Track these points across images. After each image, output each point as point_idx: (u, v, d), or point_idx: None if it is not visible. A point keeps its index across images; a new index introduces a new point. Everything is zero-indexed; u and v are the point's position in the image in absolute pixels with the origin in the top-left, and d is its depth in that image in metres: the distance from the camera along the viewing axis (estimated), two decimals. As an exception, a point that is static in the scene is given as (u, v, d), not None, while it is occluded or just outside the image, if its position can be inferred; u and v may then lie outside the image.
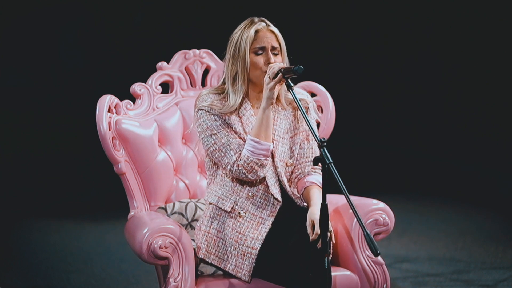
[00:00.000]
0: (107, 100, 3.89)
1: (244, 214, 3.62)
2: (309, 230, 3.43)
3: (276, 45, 3.63)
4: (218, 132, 3.63)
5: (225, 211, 3.64)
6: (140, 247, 3.54)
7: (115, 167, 3.90)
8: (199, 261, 3.68)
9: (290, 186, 3.69)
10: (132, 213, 3.93)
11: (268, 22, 3.66)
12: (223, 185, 3.68)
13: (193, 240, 3.72)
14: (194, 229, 3.78)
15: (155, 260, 3.56)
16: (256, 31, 3.61)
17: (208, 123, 3.64)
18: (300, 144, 3.72)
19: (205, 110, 3.65)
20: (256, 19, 3.66)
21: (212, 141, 3.63)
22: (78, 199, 7.71)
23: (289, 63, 3.67)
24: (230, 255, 3.60)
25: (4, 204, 7.35)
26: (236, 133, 3.64)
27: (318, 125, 4.22)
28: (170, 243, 3.55)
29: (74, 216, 7.14)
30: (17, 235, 6.59)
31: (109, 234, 6.55)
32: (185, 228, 3.85)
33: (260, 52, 3.62)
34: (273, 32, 3.64)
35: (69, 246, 6.26)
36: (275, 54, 3.63)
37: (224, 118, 3.65)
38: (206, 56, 4.22)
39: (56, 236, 6.56)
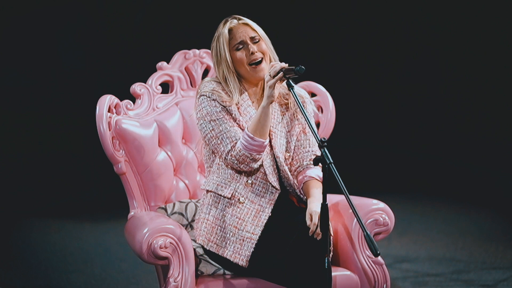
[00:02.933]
0: (107, 100, 3.89)
1: (244, 200, 3.63)
2: (308, 223, 3.44)
3: (253, 34, 3.68)
4: (217, 119, 3.64)
5: (225, 197, 3.65)
6: (140, 247, 3.54)
7: (115, 167, 3.90)
8: (199, 261, 3.68)
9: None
10: (132, 213, 3.93)
11: (239, 17, 3.71)
12: (221, 173, 3.69)
13: (193, 240, 3.72)
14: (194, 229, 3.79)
15: (155, 260, 3.56)
16: (229, 30, 3.67)
17: (209, 108, 3.65)
18: (297, 137, 3.74)
19: (206, 95, 3.66)
20: (228, 18, 3.72)
21: (210, 127, 3.64)
22: (78, 199, 7.71)
23: (285, 60, 3.67)
24: (228, 242, 3.61)
25: (4, 204, 7.34)
26: (235, 120, 3.65)
27: (318, 125, 4.23)
28: (170, 243, 3.55)
29: (74, 216, 7.13)
30: (17, 235, 6.59)
31: (109, 234, 6.54)
32: (185, 228, 3.85)
33: (240, 47, 3.67)
34: (246, 24, 3.69)
35: (69, 246, 6.26)
36: (256, 42, 3.67)
37: (224, 104, 3.66)
38: (206, 56, 4.23)
39: (56, 236, 6.55)
